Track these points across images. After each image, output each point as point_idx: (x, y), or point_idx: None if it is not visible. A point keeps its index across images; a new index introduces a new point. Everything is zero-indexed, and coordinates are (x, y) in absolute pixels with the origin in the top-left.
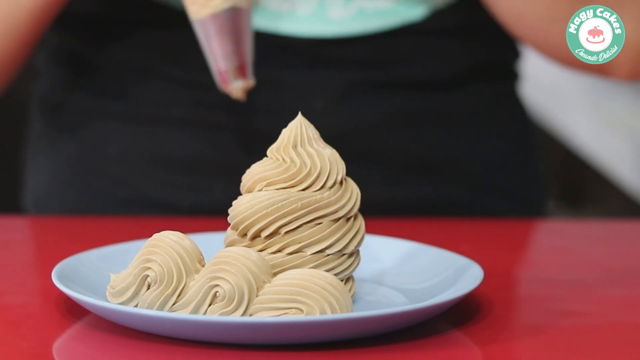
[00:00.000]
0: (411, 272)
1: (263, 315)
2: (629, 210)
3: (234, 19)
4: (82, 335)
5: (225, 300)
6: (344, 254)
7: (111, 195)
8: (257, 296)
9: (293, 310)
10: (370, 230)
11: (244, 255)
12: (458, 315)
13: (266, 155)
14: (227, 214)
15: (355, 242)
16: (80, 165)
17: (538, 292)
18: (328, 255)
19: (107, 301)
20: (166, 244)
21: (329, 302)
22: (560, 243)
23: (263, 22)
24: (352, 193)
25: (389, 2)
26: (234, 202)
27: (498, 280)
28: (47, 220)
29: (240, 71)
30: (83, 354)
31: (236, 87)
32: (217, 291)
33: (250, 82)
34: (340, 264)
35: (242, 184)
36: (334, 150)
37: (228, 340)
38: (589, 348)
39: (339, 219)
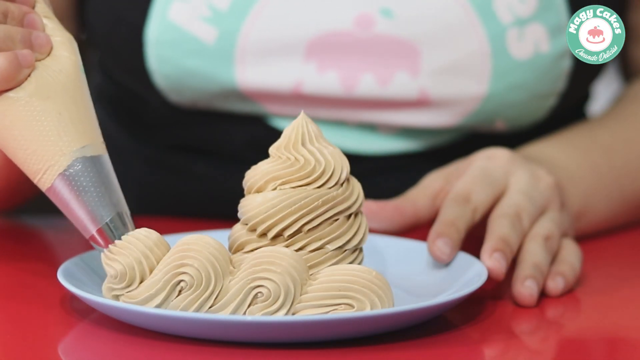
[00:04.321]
0: (414, 270)
1: (309, 312)
2: None
3: (85, 172)
4: (88, 335)
5: (270, 299)
6: (356, 249)
7: None
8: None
9: (343, 306)
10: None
11: (286, 254)
12: (461, 314)
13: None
14: None
15: (366, 237)
16: None
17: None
18: (346, 250)
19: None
20: (200, 247)
21: (379, 295)
22: None
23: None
24: (358, 188)
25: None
26: (244, 202)
27: (500, 280)
28: (51, 220)
29: (116, 226)
30: (89, 353)
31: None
32: (259, 292)
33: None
34: (355, 258)
35: (249, 184)
36: (337, 147)
37: (276, 339)
38: (590, 348)
39: (351, 214)
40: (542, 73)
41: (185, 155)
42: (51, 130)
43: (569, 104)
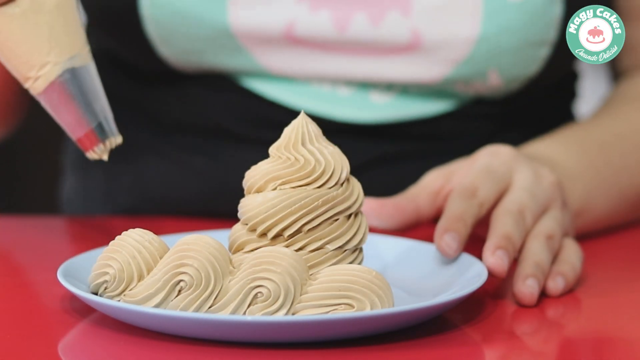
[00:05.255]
0: (414, 270)
1: (309, 312)
2: None
3: (74, 80)
4: (88, 335)
5: (270, 299)
6: (356, 249)
7: None
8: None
9: (343, 306)
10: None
11: (286, 254)
12: (461, 314)
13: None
14: None
15: (366, 237)
16: (96, 186)
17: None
18: (345, 250)
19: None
20: (200, 247)
21: (379, 295)
22: None
23: (303, 100)
24: (358, 188)
25: (431, 90)
26: (244, 202)
27: (500, 279)
28: (52, 220)
29: (101, 131)
30: (89, 353)
31: (100, 151)
32: (259, 292)
33: (117, 139)
34: (355, 258)
35: (249, 184)
36: (336, 147)
37: (275, 339)
38: (591, 348)
39: (351, 214)
40: (533, 17)
41: (175, 134)
42: (44, 42)
43: (562, 60)
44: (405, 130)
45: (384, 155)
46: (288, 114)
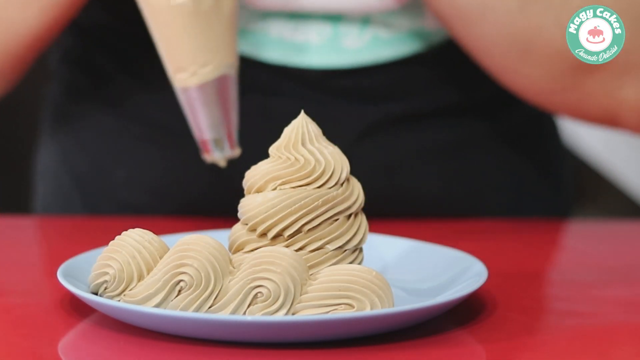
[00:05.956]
0: (414, 270)
1: (309, 312)
2: (629, 210)
3: (221, 87)
4: (88, 334)
5: (270, 299)
6: (356, 249)
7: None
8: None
9: (343, 306)
10: (371, 229)
11: (286, 254)
12: (461, 313)
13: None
14: None
15: (366, 237)
16: (86, 184)
17: (540, 292)
18: (346, 250)
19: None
20: (200, 247)
21: (379, 295)
22: (561, 243)
23: (277, 53)
24: (358, 188)
25: (403, 30)
26: (244, 202)
27: (501, 279)
28: (52, 220)
29: (227, 141)
30: (89, 353)
31: (219, 157)
32: (259, 292)
33: (235, 152)
34: (355, 258)
35: (249, 184)
36: (336, 147)
37: (276, 339)
38: (590, 348)
39: (351, 214)
40: None
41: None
42: (214, 43)
43: None
44: (379, 76)
45: (368, 127)
46: (266, 72)
